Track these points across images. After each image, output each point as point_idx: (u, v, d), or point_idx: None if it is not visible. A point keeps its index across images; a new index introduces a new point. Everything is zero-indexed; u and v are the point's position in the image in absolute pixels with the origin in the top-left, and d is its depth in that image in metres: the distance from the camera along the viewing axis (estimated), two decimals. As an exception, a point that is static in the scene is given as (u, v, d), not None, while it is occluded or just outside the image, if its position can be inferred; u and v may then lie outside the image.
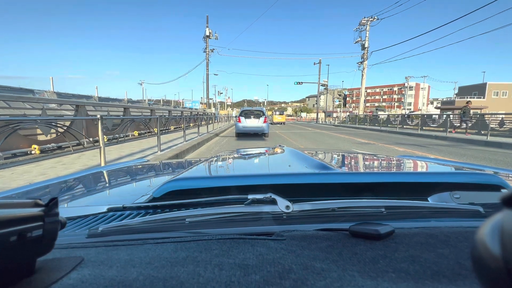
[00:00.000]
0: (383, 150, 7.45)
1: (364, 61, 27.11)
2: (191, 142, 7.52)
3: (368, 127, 20.27)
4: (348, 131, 16.51)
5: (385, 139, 10.68)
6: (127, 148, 6.05)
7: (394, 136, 12.42)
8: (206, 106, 26.92)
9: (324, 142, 9.66)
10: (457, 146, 8.36)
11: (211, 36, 26.55)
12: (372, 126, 20.21)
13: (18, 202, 0.29)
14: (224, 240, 0.41)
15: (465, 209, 0.54)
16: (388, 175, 0.69)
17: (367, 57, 26.93)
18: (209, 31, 26.18)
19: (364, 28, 26.67)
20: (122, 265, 0.33)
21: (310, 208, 0.51)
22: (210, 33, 26.32)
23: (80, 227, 0.52)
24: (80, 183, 0.99)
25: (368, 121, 22.56)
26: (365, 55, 27.01)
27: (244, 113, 11.39)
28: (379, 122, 20.40)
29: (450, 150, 7.36)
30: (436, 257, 0.36)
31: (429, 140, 10.32)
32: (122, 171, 1.17)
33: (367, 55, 26.97)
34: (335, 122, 28.00)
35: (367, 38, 26.64)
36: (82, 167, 4.03)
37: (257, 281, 0.30)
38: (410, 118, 17.31)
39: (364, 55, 27.11)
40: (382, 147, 8.21)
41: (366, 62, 27.06)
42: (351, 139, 10.62)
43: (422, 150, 7.26)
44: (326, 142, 9.83)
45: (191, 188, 0.61)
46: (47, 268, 0.32)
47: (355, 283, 0.30)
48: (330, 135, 13.11)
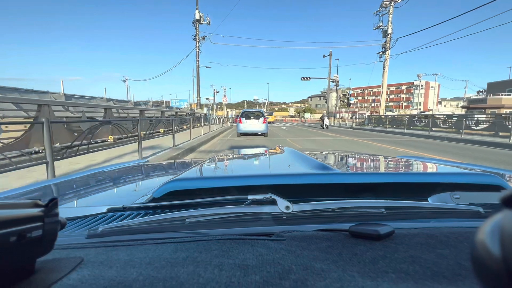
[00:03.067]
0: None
1: (386, 50, 22.60)
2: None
3: (397, 130, 16.14)
4: (381, 137, 12.46)
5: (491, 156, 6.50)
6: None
7: (482, 149, 7.87)
8: (196, 105, 22.38)
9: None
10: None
11: (202, 21, 21.96)
12: (401, 129, 15.88)
13: (18, 203, 0.29)
14: (224, 241, 0.41)
15: (465, 209, 0.54)
16: (388, 175, 0.68)
17: (390, 46, 22.41)
18: (199, 14, 21.60)
19: (387, 10, 22.15)
20: (122, 266, 0.33)
21: (310, 208, 0.51)
22: (201, 16, 21.74)
23: (79, 227, 0.52)
24: (80, 184, 0.98)
25: (393, 122, 18.22)
26: (388, 43, 22.44)
27: (245, 114, 11.62)
28: (411, 124, 16.21)
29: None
30: (436, 257, 0.37)
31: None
32: (122, 172, 1.17)
33: (389, 43, 22.42)
34: (353, 124, 23.37)
35: (390, 23, 22.10)
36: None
37: (257, 281, 0.30)
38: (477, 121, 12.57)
39: (386, 44, 22.53)
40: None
41: (389, 51, 22.54)
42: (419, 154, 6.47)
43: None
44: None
45: (191, 188, 0.61)
46: (46, 268, 0.32)
47: (355, 283, 0.30)
48: (370, 145, 8.81)
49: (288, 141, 9.91)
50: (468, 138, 9.93)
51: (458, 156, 6.55)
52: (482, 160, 5.83)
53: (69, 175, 1.03)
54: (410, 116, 17.63)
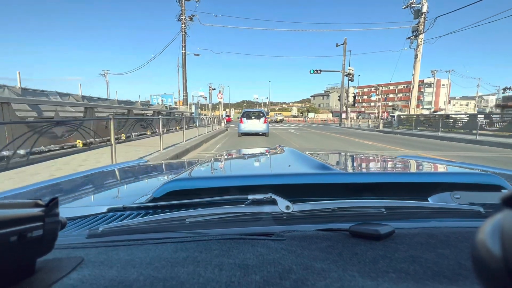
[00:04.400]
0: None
1: (418, 34, 18.13)
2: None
3: (431, 133, 12.44)
4: (453, 148, 8.40)
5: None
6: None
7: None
8: (182, 102, 17.86)
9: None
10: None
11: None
12: (435, 132, 12.23)
13: (19, 203, 0.29)
14: (224, 241, 0.41)
15: (466, 209, 0.54)
16: (388, 175, 0.68)
17: (423, 29, 17.93)
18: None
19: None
20: (122, 266, 0.34)
21: (310, 208, 0.51)
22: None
23: (80, 227, 0.52)
24: (81, 184, 0.98)
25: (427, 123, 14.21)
26: (421, 25, 17.93)
27: (246, 114, 11.54)
28: (452, 125, 12.83)
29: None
30: (437, 257, 0.37)
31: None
32: (122, 171, 1.16)
33: (424, 25, 17.93)
34: (380, 126, 18.54)
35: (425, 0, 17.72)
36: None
37: (257, 281, 0.30)
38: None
39: (419, 26, 18.01)
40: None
41: (422, 35, 18.05)
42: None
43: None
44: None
45: (191, 188, 0.61)
46: (47, 268, 0.32)
47: (355, 283, 0.30)
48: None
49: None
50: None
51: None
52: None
53: (70, 175, 1.02)
54: (443, 116, 14.22)
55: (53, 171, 3.83)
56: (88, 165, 4.37)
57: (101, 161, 4.79)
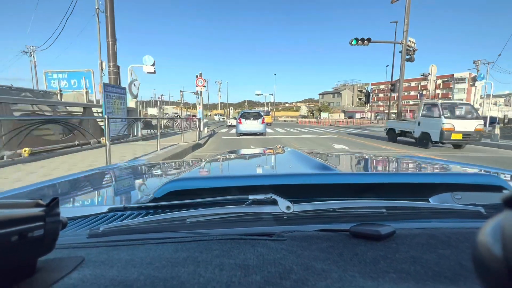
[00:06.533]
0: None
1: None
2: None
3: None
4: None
5: None
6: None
7: None
8: (101, 87, 7.37)
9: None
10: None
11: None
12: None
13: (20, 202, 0.29)
14: (225, 241, 0.42)
15: (466, 210, 0.54)
16: (389, 175, 0.68)
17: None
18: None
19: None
20: (123, 265, 0.34)
21: (311, 208, 0.51)
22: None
23: (81, 227, 0.52)
24: (81, 183, 0.98)
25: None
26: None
27: (244, 115, 12.08)
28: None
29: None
30: (437, 258, 0.37)
31: None
32: (123, 172, 1.16)
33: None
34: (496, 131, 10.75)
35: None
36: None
37: (257, 281, 0.30)
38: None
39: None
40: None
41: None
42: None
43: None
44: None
45: (192, 188, 0.61)
46: (48, 268, 0.32)
47: (355, 283, 0.30)
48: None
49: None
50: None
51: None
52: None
53: (70, 175, 1.02)
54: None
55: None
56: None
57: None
